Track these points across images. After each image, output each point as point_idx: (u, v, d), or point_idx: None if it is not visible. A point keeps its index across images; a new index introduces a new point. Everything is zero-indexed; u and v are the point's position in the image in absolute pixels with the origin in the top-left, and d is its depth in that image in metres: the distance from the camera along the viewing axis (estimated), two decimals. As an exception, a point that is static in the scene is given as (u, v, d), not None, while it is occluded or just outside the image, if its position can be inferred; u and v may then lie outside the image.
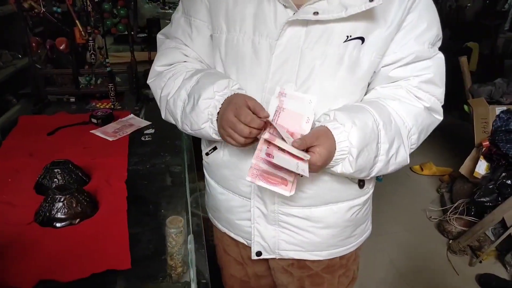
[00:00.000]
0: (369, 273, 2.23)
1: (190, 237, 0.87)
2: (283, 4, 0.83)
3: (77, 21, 1.43)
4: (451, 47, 4.37)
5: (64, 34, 1.46)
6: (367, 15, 0.81)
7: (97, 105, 1.62)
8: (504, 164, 2.32)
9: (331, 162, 0.82)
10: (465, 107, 2.71)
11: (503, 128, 2.35)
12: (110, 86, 1.55)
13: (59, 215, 0.89)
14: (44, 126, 1.40)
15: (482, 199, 2.33)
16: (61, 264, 0.76)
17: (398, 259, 2.36)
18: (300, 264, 1.07)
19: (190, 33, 0.97)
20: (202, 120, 0.86)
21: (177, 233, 1.18)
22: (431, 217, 2.74)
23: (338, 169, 0.83)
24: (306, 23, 0.81)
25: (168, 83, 0.94)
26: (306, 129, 0.81)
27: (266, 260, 1.10)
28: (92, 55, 1.49)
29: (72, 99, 1.65)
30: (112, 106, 1.59)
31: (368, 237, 1.14)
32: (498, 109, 2.49)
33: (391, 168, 0.90)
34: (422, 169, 3.28)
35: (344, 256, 1.08)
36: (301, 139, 0.77)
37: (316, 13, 0.79)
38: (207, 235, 1.23)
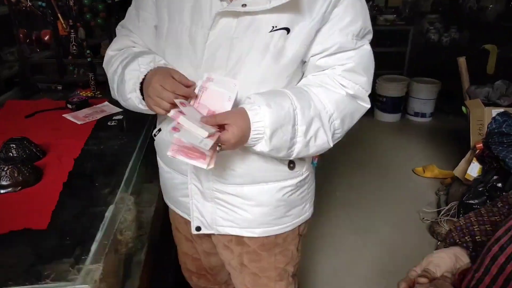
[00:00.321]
0: (348, 269, 2.24)
1: (107, 214, 0.94)
2: None
3: (59, 15, 1.56)
4: (469, 48, 4.26)
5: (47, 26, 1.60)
6: (293, 8, 0.87)
7: (81, 93, 1.74)
8: (496, 167, 2.26)
9: (250, 141, 0.88)
10: (463, 108, 2.66)
11: (496, 131, 2.29)
12: (90, 76, 1.67)
13: (2, 183, 1.01)
14: (25, 110, 1.54)
15: (470, 201, 2.29)
16: (-13, 222, 0.87)
17: (382, 257, 2.35)
18: (239, 240, 1.12)
19: (137, 23, 1.07)
20: (128, 90, 0.95)
21: (126, 210, 1.27)
22: (423, 218, 2.70)
23: (257, 148, 0.90)
24: (237, 14, 0.88)
25: (113, 63, 1.04)
26: (227, 108, 0.87)
27: (211, 237, 1.17)
28: (74, 47, 1.62)
29: (60, 87, 1.79)
30: (93, 94, 1.71)
31: (354, 233, 1.18)
32: (495, 111, 2.43)
33: (312, 150, 0.95)
34: (424, 171, 3.23)
35: (280, 235, 1.12)
36: (211, 116, 0.84)
37: (244, 5, 0.86)
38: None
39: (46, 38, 1.62)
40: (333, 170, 3.29)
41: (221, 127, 0.85)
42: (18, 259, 0.79)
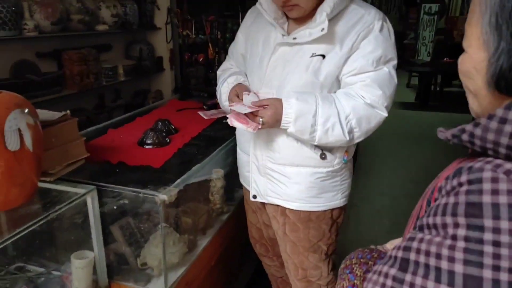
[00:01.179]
0: None
1: (194, 168, 1.49)
2: (282, 34, 1.37)
3: (209, 44, 2.27)
4: None
5: (202, 51, 2.33)
6: (327, 40, 1.26)
7: (216, 100, 2.42)
8: None
9: (283, 123, 1.23)
10: None
11: None
12: (223, 88, 2.32)
13: (148, 141, 1.68)
14: (178, 106, 2.29)
15: None
16: (133, 159, 1.53)
17: None
18: (282, 211, 1.45)
19: (233, 53, 1.62)
20: (224, 99, 1.48)
21: (217, 179, 1.83)
22: None
23: (289, 129, 1.24)
24: (290, 44, 1.32)
25: (219, 80, 1.61)
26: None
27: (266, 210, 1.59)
28: (217, 66, 2.30)
29: (205, 95, 2.51)
30: (223, 101, 2.36)
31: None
32: None
33: (331, 138, 1.25)
34: None
35: (313, 213, 1.41)
36: (260, 100, 1.28)
37: (294, 38, 1.30)
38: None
39: (200, 60, 2.35)
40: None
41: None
42: (140, 178, 1.41)
